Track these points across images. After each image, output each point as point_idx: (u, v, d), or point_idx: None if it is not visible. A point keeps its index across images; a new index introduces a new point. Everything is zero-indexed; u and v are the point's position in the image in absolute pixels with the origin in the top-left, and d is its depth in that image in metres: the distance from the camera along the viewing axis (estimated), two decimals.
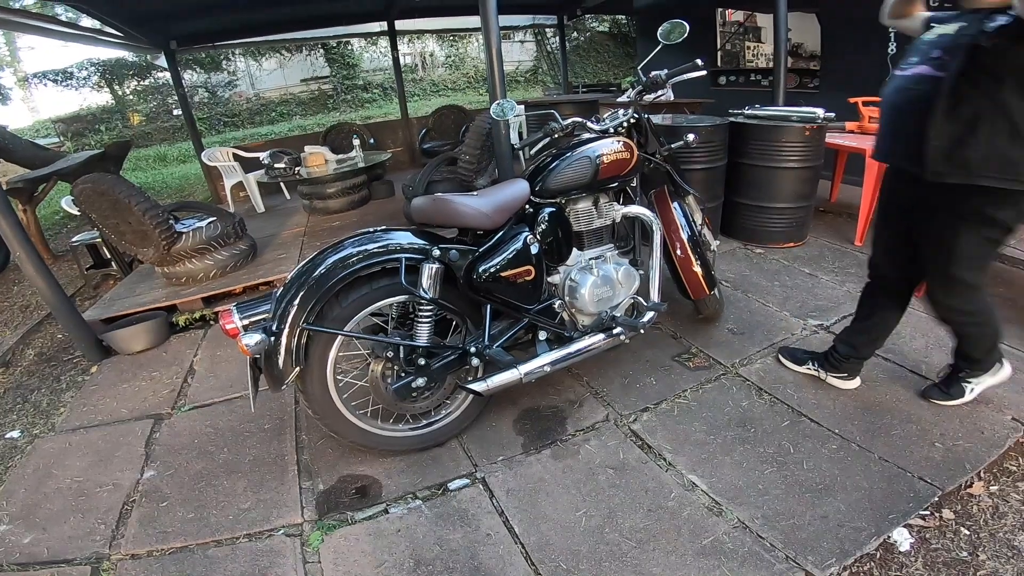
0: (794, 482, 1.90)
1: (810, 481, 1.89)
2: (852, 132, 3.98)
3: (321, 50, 15.80)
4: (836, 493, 1.83)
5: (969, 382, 2.14)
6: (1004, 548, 1.64)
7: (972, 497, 1.81)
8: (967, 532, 1.70)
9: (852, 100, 4.00)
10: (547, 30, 14.00)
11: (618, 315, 2.33)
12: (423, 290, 1.94)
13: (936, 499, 1.79)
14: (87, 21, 5.51)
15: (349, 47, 16.11)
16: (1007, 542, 1.65)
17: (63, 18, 5.79)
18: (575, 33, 15.09)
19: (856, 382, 2.32)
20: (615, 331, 2.27)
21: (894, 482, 1.85)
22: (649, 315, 2.34)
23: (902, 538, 1.68)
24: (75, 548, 1.96)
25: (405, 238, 1.99)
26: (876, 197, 3.50)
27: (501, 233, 2.12)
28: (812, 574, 1.59)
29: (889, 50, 4.23)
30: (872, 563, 1.63)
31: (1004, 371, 2.14)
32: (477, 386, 2.03)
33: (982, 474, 1.89)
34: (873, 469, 1.91)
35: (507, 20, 9.26)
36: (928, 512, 1.76)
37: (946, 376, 2.21)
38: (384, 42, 14.00)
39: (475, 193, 2.10)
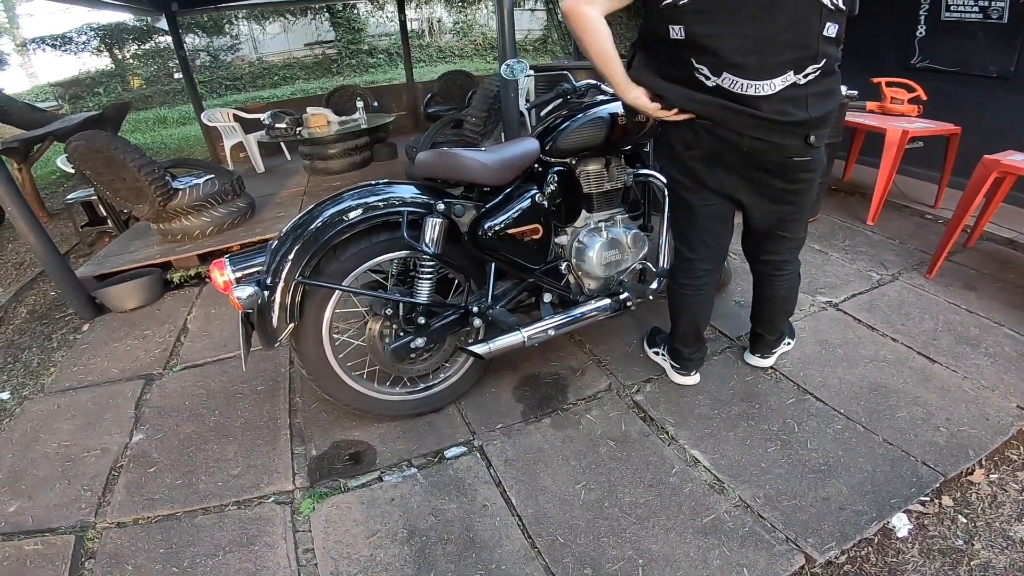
0: (797, 461, 1.86)
1: (813, 461, 1.85)
2: (873, 112, 3.87)
3: (326, 14, 15.47)
4: (839, 475, 1.80)
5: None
6: (999, 538, 1.61)
7: (972, 485, 1.78)
8: (964, 520, 1.67)
9: (876, 80, 3.89)
10: None
11: (626, 280, 2.28)
12: (425, 245, 1.87)
13: (937, 485, 1.75)
14: None
15: (355, 11, 15.75)
16: (1002, 532, 1.63)
17: None
18: None
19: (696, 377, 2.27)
20: (622, 296, 2.23)
21: (897, 466, 1.81)
22: (658, 282, 2.29)
23: (901, 524, 1.65)
24: (60, 516, 1.91)
25: (408, 191, 1.91)
26: (892, 178, 3.47)
27: (509, 190, 2.05)
28: (812, 556, 1.55)
29: (918, 33, 4.09)
30: (870, 548, 1.60)
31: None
32: (479, 348, 1.98)
33: (983, 461, 1.85)
34: (877, 451, 1.87)
35: None
36: (928, 498, 1.72)
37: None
38: (391, 6, 13.70)
39: (483, 148, 2.02)
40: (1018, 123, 3.53)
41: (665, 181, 2.06)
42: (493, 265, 2.04)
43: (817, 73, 1.55)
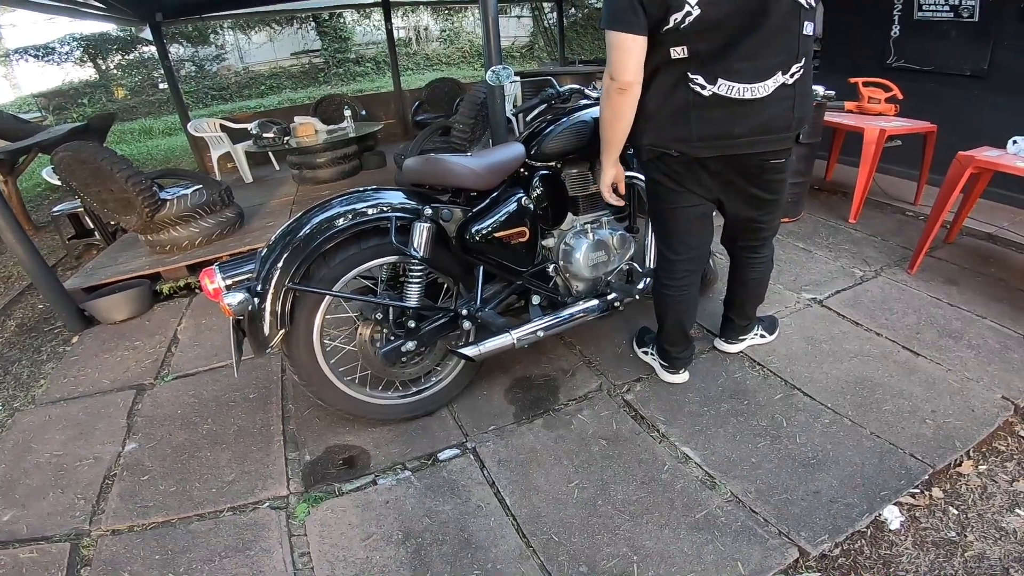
0: (787, 456, 1.88)
1: (803, 455, 1.87)
2: (851, 112, 3.93)
3: (313, 23, 15.45)
4: (828, 468, 1.82)
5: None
6: (991, 529, 1.63)
7: (961, 476, 1.80)
8: (955, 512, 1.69)
9: (852, 80, 3.95)
10: (544, 5, 13.76)
11: (613, 281, 2.30)
12: (414, 250, 1.89)
13: (926, 477, 1.77)
14: None
15: (341, 20, 15.75)
16: (994, 523, 1.65)
17: None
18: (573, 9, 14.86)
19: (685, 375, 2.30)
20: (610, 297, 2.26)
21: (886, 458, 1.84)
22: (644, 281, 2.32)
23: (892, 516, 1.67)
24: (55, 525, 1.90)
25: (396, 197, 1.93)
26: (871, 176, 3.53)
27: (496, 194, 2.08)
28: (805, 550, 1.57)
29: (892, 33, 4.17)
30: (863, 540, 1.61)
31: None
32: (469, 351, 2.00)
33: (971, 453, 1.87)
34: (865, 445, 1.90)
35: None
36: (918, 490, 1.74)
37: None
38: (377, 15, 13.71)
39: (469, 154, 2.05)
40: (993, 120, 3.58)
41: (645, 184, 2.09)
42: (481, 268, 2.06)
43: (800, 72, 1.65)
